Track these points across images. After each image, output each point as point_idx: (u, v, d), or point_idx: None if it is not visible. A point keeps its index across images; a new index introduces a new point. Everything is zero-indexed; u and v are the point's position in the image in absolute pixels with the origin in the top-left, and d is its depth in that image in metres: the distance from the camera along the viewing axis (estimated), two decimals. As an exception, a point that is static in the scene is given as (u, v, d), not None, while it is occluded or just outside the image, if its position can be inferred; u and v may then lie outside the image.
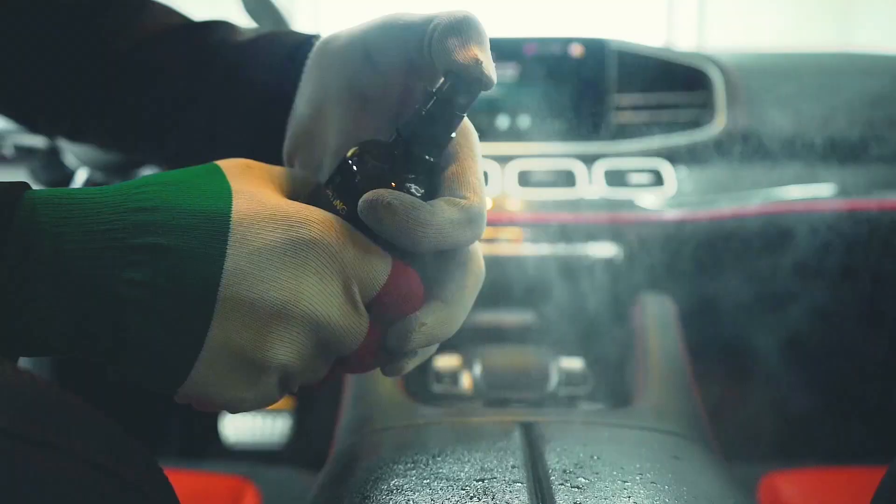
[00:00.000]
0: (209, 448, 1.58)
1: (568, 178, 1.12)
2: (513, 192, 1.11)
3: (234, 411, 0.39)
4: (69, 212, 0.34)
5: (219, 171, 0.39)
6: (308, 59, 0.47)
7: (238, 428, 1.58)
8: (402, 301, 0.40)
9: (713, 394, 0.89)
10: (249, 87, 0.50)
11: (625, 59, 1.17)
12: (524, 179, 1.13)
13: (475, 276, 0.44)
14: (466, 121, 0.42)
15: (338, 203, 0.39)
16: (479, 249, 0.45)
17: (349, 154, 0.41)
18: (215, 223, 0.36)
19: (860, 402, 1.43)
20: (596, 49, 1.14)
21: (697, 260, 1.10)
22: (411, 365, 0.44)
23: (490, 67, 0.38)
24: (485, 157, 1.14)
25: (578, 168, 1.13)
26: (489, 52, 0.39)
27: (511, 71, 1.15)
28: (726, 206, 1.10)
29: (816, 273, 1.18)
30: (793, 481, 0.93)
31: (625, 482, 0.48)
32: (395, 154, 0.40)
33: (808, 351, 1.37)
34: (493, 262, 1.08)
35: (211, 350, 0.36)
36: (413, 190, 0.40)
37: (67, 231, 0.34)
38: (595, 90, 1.15)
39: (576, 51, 1.14)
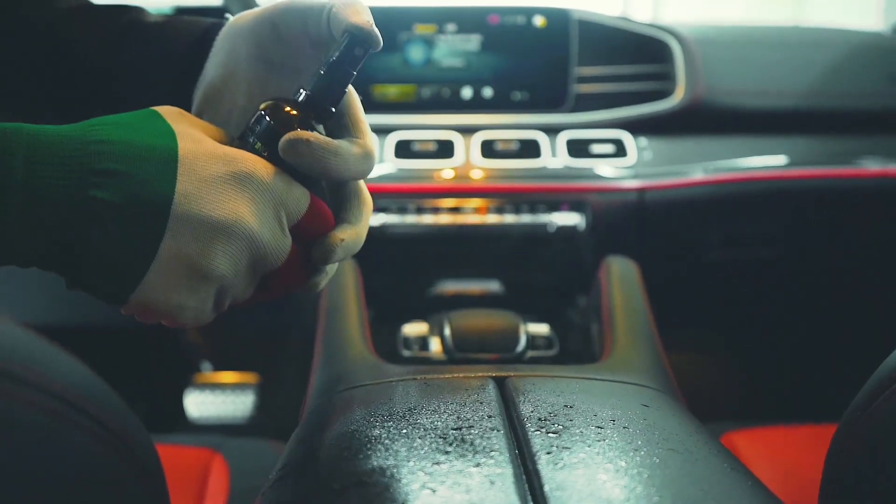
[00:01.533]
0: (173, 425, 1.56)
1: (532, 149, 1.13)
2: (477, 162, 1.11)
3: (174, 322, 0.45)
4: (39, 140, 0.39)
5: (158, 115, 0.45)
6: (217, 35, 0.54)
7: (202, 403, 1.56)
8: (319, 225, 0.49)
9: (675, 355, 0.91)
10: (162, 62, 0.55)
11: (587, 29, 1.18)
12: (488, 150, 1.13)
13: (368, 204, 0.53)
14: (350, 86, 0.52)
15: (259, 146, 0.47)
16: (365, 185, 0.55)
17: (263, 107, 0.48)
18: (165, 157, 0.42)
19: (814, 363, 1.46)
20: (559, 19, 1.14)
21: (658, 228, 1.12)
22: (323, 282, 0.52)
23: (377, 30, 0.47)
24: (449, 128, 1.14)
25: (542, 138, 1.13)
26: (372, 18, 0.48)
27: (474, 41, 1.14)
28: (685, 176, 1.11)
29: (770, 240, 1.20)
30: (751, 439, 0.95)
31: (599, 427, 0.48)
32: (302, 105, 0.48)
33: (765, 314, 1.40)
34: (459, 232, 1.08)
35: (162, 259, 0.42)
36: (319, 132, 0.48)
37: (39, 155, 0.39)
38: (558, 61, 1.15)
39: (539, 21, 1.14)
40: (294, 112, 0.48)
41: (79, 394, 0.33)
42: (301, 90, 0.49)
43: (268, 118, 0.47)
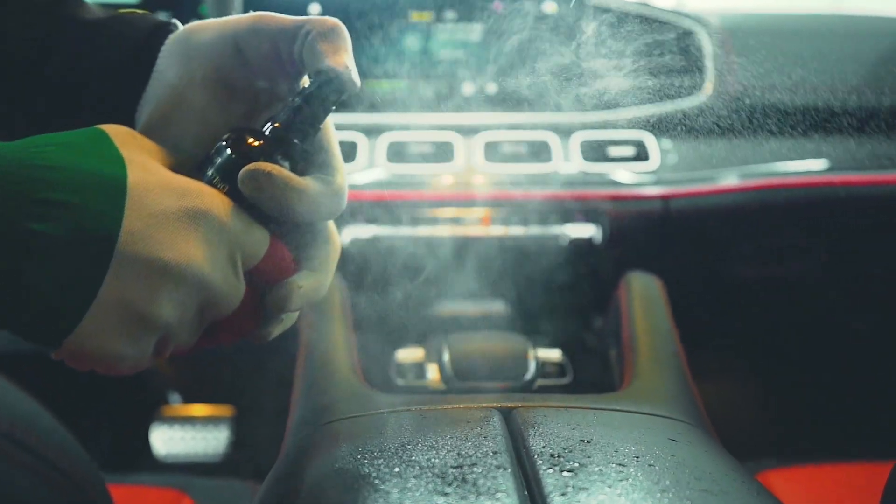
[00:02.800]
0: (137, 463, 1.55)
1: (541, 152, 1.12)
2: (479, 167, 1.11)
3: (109, 370, 0.45)
4: None
5: (107, 137, 0.45)
6: (165, 44, 0.53)
7: (170, 439, 1.55)
8: (277, 271, 0.49)
9: (704, 384, 0.90)
10: (99, 64, 0.54)
11: (603, 16, 1.17)
12: (492, 153, 1.12)
13: (335, 249, 0.54)
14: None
15: (217, 180, 0.47)
16: (334, 226, 0.55)
17: (225, 137, 0.48)
18: (113, 187, 0.41)
19: (861, 392, 1.45)
20: (572, 5, 1.14)
21: (685, 240, 1.11)
22: (277, 331, 0.53)
23: (356, 74, 0.48)
24: (448, 128, 1.14)
25: (553, 140, 1.13)
26: (352, 58, 0.49)
27: (477, 31, 1.14)
28: (715, 182, 1.10)
29: (812, 255, 1.19)
30: (792, 478, 0.94)
31: (620, 465, 0.47)
32: (269, 139, 0.48)
33: (807, 339, 1.39)
34: (458, 246, 1.07)
35: (102, 303, 0.41)
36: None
37: None
38: (571, 52, 1.15)
39: (549, 7, 1.14)
40: (258, 144, 0.48)
41: (21, 427, 0.32)
42: (270, 122, 0.49)
43: (229, 149, 0.47)
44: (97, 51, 0.55)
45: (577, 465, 0.47)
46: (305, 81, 0.51)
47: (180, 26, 0.54)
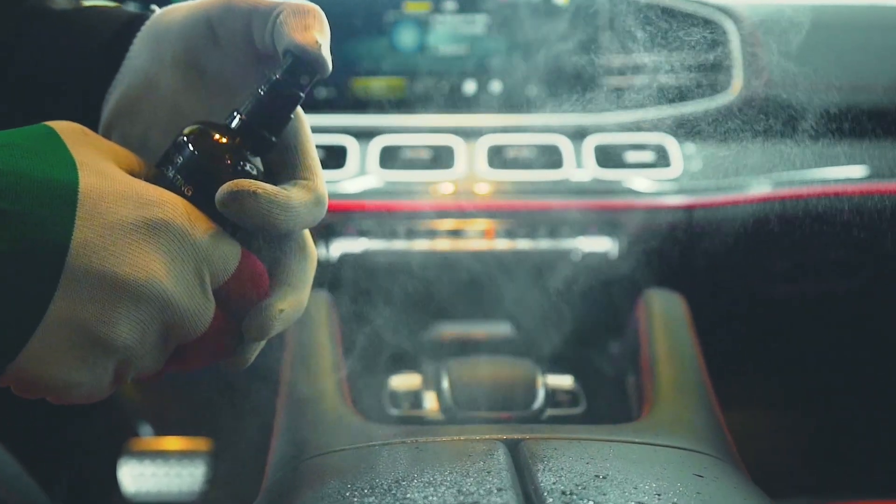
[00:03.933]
0: (104, 501, 1.55)
1: (551, 157, 1.12)
2: (483, 174, 1.11)
3: (61, 399, 0.44)
4: None
5: (56, 136, 0.44)
6: (140, 31, 0.54)
7: (140, 475, 1.55)
8: (250, 287, 0.48)
9: (732, 413, 0.90)
10: (68, 60, 0.55)
11: (620, 7, 1.17)
12: (497, 158, 1.12)
13: (312, 259, 0.53)
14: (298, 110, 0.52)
15: (179, 181, 0.46)
16: (310, 235, 0.55)
17: (186, 132, 0.48)
18: (63, 194, 0.41)
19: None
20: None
21: (710, 255, 1.10)
22: (253, 357, 0.52)
23: (327, 53, 0.48)
24: (447, 131, 1.14)
25: (564, 144, 1.13)
26: (328, 41, 0.49)
27: (479, 22, 1.14)
28: (744, 190, 1.10)
29: (853, 272, 1.19)
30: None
31: None
32: (235, 132, 0.48)
33: (846, 365, 1.39)
34: (459, 261, 1.07)
35: (51, 323, 0.41)
36: (249, 168, 0.48)
37: None
38: (584, 47, 1.15)
39: (560, -2, 1.15)
40: (225, 141, 0.47)
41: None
42: (235, 113, 0.49)
43: (192, 147, 0.47)
44: (72, 43, 0.55)
45: (591, 503, 0.47)
46: None
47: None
